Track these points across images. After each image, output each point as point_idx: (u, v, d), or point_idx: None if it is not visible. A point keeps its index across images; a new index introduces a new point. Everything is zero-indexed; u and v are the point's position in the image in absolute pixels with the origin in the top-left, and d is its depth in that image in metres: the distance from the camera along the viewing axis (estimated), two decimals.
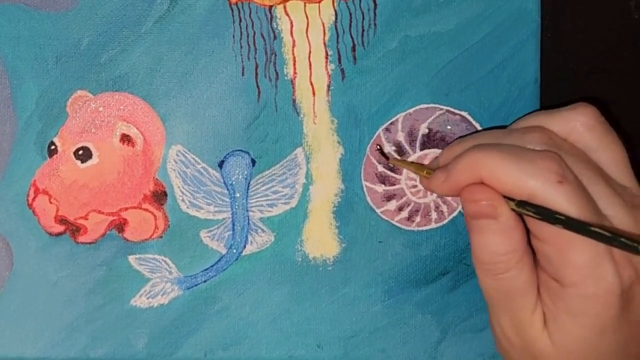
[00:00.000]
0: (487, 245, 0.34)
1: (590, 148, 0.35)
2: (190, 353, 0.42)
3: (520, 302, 0.34)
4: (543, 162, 0.33)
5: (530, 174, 0.33)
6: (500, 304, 0.35)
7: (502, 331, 0.36)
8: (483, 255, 0.35)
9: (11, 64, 0.41)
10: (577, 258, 0.32)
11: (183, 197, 0.41)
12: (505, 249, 0.34)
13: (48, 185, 0.41)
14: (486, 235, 0.34)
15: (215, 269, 0.41)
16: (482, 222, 0.34)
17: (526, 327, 0.34)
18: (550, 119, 0.36)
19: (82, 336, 0.41)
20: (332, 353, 0.42)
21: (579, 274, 0.32)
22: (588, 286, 0.32)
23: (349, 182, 0.41)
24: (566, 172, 0.33)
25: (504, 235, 0.34)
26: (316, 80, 0.41)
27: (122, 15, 0.41)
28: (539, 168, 0.33)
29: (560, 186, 0.32)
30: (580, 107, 0.36)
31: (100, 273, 0.41)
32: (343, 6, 0.41)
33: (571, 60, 0.43)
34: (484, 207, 0.34)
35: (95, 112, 0.41)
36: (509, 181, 0.33)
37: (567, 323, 0.33)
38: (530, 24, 0.41)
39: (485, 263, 0.35)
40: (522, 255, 0.34)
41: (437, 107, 0.41)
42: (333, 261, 0.42)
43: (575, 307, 0.33)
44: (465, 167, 0.35)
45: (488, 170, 0.34)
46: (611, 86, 0.43)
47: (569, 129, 0.36)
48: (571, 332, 0.33)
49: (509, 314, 0.35)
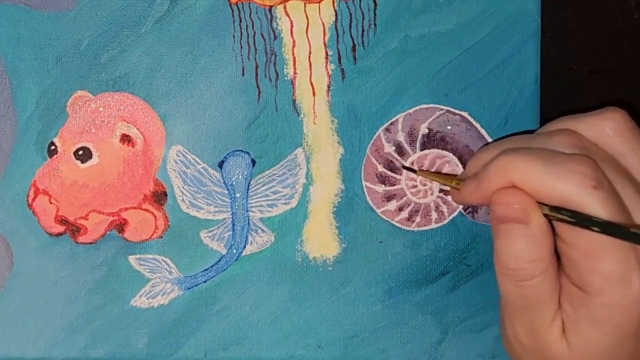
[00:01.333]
0: (512, 250, 0.33)
1: (619, 153, 0.34)
2: (191, 353, 0.42)
3: (540, 310, 0.34)
4: (577, 165, 0.32)
5: (564, 178, 0.32)
6: (519, 310, 0.34)
7: (514, 335, 0.35)
8: (507, 261, 0.33)
9: (11, 64, 0.41)
10: (605, 266, 0.31)
11: (183, 198, 0.41)
12: (531, 257, 0.33)
13: (48, 185, 0.41)
14: (513, 241, 0.33)
15: (216, 269, 0.41)
16: (510, 226, 0.33)
17: (543, 333, 0.34)
18: (578, 124, 0.35)
19: (82, 336, 0.41)
20: (332, 353, 0.42)
21: (605, 283, 0.32)
22: (613, 295, 0.32)
23: (349, 182, 0.41)
24: (601, 176, 0.32)
25: (532, 242, 0.33)
26: (316, 81, 0.41)
27: (122, 16, 0.41)
28: (573, 172, 0.32)
29: (595, 191, 0.31)
30: (609, 112, 0.35)
31: (100, 273, 0.41)
32: (343, 6, 0.41)
33: (571, 60, 0.43)
34: (515, 211, 0.33)
35: (95, 112, 0.41)
36: (542, 185, 0.32)
37: (587, 330, 0.32)
38: (530, 24, 0.41)
39: (509, 269, 0.33)
40: (548, 264, 0.33)
41: (437, 107, 0.41)
42: (333, 261, 0.42)
43: (597, 315, 0.32)
44: (497, 173, 0.33)
45: (520, 174, 0.33)
46: (611, 86, 0.43)
47: (597, 133, 0.35)
48: (590, 340, 0.33)
49: (527, 321, 0.34)
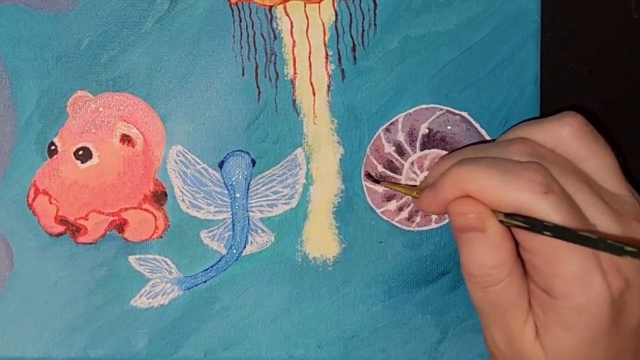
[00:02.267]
0: (475, 258, 0.34)
1: (578, 157, 0.35)
2: (191, 353, 0.42)
3: (510, 314, 0.34)
4: (527, 173, 0.33)
5: (515, 186, 0.32)
6: (491, 317, 0.35)
7: (493, 343, 0.35)
8: (472, 268, 0.34)
9: (11, 64, 0.41)
10: (565, 269, 0.32)
11: (183, 198, 0.41)
12: (493, 262, 0.34)
13: (48, 185, 0.41)
14: (474, 249, 0.34)
15: (216, 269, 0.41)
16: (470, 235, 0.34)
17: (518, 339, 0.34)
18: (536, 130, 0.36)
19: (82, 336, 0.41)
20: (332, 353, 0.42)
21: (568, 285, 0.32)
22: (577, 297, 0.32)
23: (349, 182, 0.41)
24: (551, 182, 0.33)
25: (493, 248, 0.34)
26: (316, 81, 0.41)
27: (122, 16, 0.41)
28: (524, 179, 0.32)
29: (545, 197, 0.32)
30: (566, 117, 0.36)
31: (100, 273, 0.41)
32: (343, 6, 0.41)
33: (571, 60, 0.43)
34: (471, 220, 0.34)
35: (95, 112, 0.41)
36: (495, 194, 0.33)
37: (558, 334, 0.33)
38: (530, 24, 0.41)
39: (474, 276, 0.34)
40: (511, 268, 0.34)
41: (437, 107, 0.41)
42: (333, 261, 0.42)
43: (565, 318, 0.33)
44: (451, 183, 0.34)
45: (473, 184, 0.34)
46: (611, 86, 0.43)
47: (555, 139, 0.35)
48: (563, 343, 0.33)
49: (500, 326, 0.35)
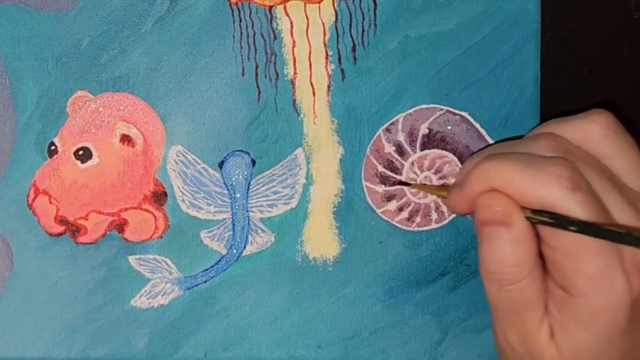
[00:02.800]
0: (496, 254, 0.33)
1: (606, 155, 0.35)
2: (191, 353, 0.42)
3: (527, 314, 0.34)
4: (555, 169, 0.32)
5: (542, 181, 0.32)
6: (506, 315, 0.34)
7: (506, 340, 0.35)
8: (491, 264, 0.33)
9: (11, 64, 0.41)
10: (588, 268, 0.32)
11: (183, 198, 0.41)
12: (515, 260, 0.33)
13: (48, 185, 0.41)
14: (497, 244, 0.33)
15: (216, 269, 0.41)
16: (493, 229, 0.33)
17: (533, 338, 0.34)
18: (565, 127, 0.35)
19: (82, 336, 0.41)
20: (332, 353, 0.42)
21: (589, 284, 0.32)
22: (598, 296, 0.32)
23: (349, 183, 0.41)
24: (578, 178, 0.32)
25: (516, 246, 0.33)
26: (316, 81, 0.41)
27: (122, 16, 0.41)
28: (551, 175, 0.32)
29: (573, 193, 0.32)
30: (595, 114, 0.35)
31: (100, 273, 0.41)
32: (343, 6, 0.41)
33: (571, 60, 0.43)
34: (497, 214, 0.33)
35: (95, 112, 0.41)
36: (522, 188, 0.33)
37: (574, 332, 0.33)
38: (530, 24, 0.41)
39: (493, 273, 0.33)
40: (532, 268, 0.33)
41: (437, 107, 0.41)
42: (333, 261, 0.42)
43: (583, 317, 0.32)
44: (478, 179, 0.34)
45: (500, 179, 0.33)
46: (611, 86, 0.43)
47: (584, 136, 0.35)
48: (578, 342, 0.33)
49: (515, 325, 0.34)
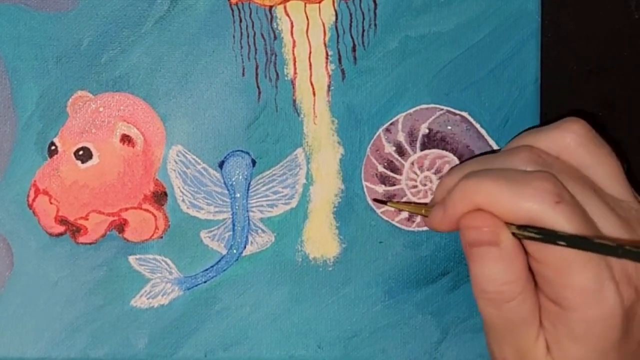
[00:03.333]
0: (489, 274, 0.33)
1: (583, 164, 0.35)
2: (191, 353, 0.42)
3: (523, 331, 0.33)
4: (538, 183, 0.32)
5: (526, 196, 0.32)
6: (502, 332, 0.34)
7: (503, 357, 0.35)
8: (485, 284, 0.33)
9: (11, 64, 0.41)
10: (577, 281, 0.31)
11: (183, 198, 0.41)
12: (507, 278, 0.33)
13: (48, 185, 0.41)
14: (488, 264, 0.33)
15: (216, 269, 0.41)
16: (482, 249, 0.33)
17: (529, 354, 0.34)
18: (540, 138, 0.35)
19: (83, 336, 0.41)
20: (332, 353, 0.42)
21: (580, 297, 0.32)
22: (590, 309, 0.32)
23: (349, 183, 0.41)
24: (562, 191, 0.32)
25: (507, 263, 0.33)
26: (316, 81, 0.41)
27: (122, 16, 0.41)
28: (535, 189, 0.32)
29: (558, 207, 0.31)
30: (569, 123, 0.35)
31: (100, 273, 0.41)
32: (343, 6, 0.41)
33: (571, 60, 0.43)
34: (484, 234, 0.33)
35: (95, 112, 0.41)
36: (506, 205, 0.32)
37: (568, 347, 0.32)
38: (530, 24, 0.41)
39: (488, 292, 0.33)
40: (524, 284, 0.33)
41: (437, 107, 0.41)
42: (333, 261, 0.42)
43: (577, 331, 0.32)
44: (461, 198, 0.34)
45: (484, 197, 0.33)
46: (611, 86, 0.43)
47: (559, 146, 0.35)
48: (573, 356, 0.32)
49: (512, 342, 0.34)
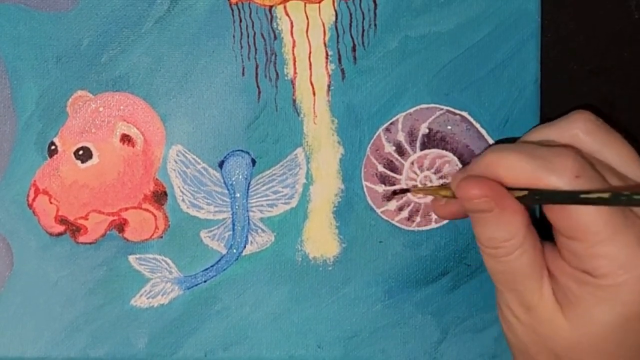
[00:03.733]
0: (488, 234, 0.35)
1: (595, 152, 0.35)
2: (191, 353, 0.42)
3: (524, 283, 0.35)
4: (559, 158, 0.33)
5: (547, 170, 0.33)
6: (505, 285, 0.36)
7: (511, 312, 0.36)
8: (484, 241, 0.35)
9: (11, 64, 0.41)
10: (606, 251, 0.32)
11: (183, 197, 0.41)
12: (504, 236, 0.34)
13: (48, 185, 0.41)
14: (486, 226, 0.35)
15: (216, 269, 0.41)
16: (481, 215, 0.35)
17: (536, 307, 0.35)
18: (549, 132, 0.36)
19: (82, 336, 0.41)
20: (332, 353, 0.42)
21: (610, 266, 0.32)
22: (619, 276, 0.32)
23: (349, 182, 0.41)
24: (584, 165, 0.33)
25: (504, 225, 0.34)
26: (316, 80, 0.41)
27: (122, 16, 0.41)
28: (556, 164, 0.33)
29: (578, 180, 0.33)
30: (576, 115, 0.36)
31: (100, 273, 0.41)
32: (343, 6, 0.41)
33: (571, 60, 0.43)
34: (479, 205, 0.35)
35: (95, 112, 0.41)
36: (527, 179, 0.34)
37: (591, 307, 0.33)
38: (530, 24, 0.41)
39: (488, 247, 0.35)
40: (523, 240, 0.34)
41: (437, 107, 0.41)
42: (333, 261, 0.42)
43: (603, 294, 0.33)
44: (483, 169, 0.35)
45: (505, 169, 0.34)
46: (611, 86, 0.43)
47: (569, 137, 0.36)
48: (594, 317, 0.33)
49: (516, 295, 0.35)
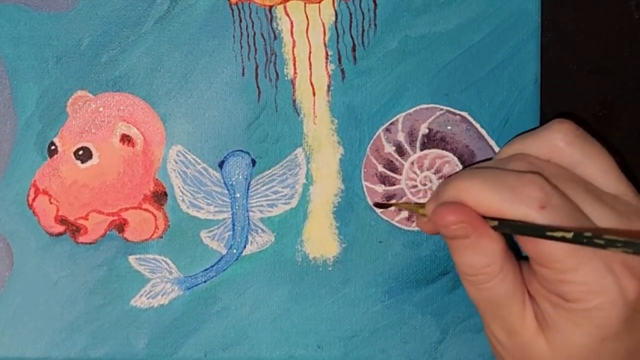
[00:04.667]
0: (466, 261, 0.35)
1: (575, 163, 0.35)
2: (191, 353, 0.42)
3: (507, 309, 0.35)
4: (524, 188, 0.33)
5: (512, 201, 0.33)
6: (488, 312, 0.35)
7: (494, 337, 0.36)
8: (464, 269, 0.35)
9: (11, 64, 0.41)
10: (576, 277, 0.32)
11: (183, 198, 0.41)
12: (483, 263, 0.34)
13: (48, 185, 0.41)
14: (464, 253, 0.35)
15: (216, 269, 0.41)
16: (458, 242, 0.35)
17: (518, 332, 0.35)
18: (530, 142, 0.36)
19: (82, 336, 0.41)
20: (332, 353, 0.42)
21: (580, 292, 0.32)
22: (590, 301, 0.32)
23: (349, 182, 0.41)
24: (550, 194, 0.33)
25: (482, 251, 0.34)
26: (316, 81, 0.41)
27: (122, 15, 0.41)
28: (521, 195, 0.33)
29: (543, 211, 0.32)
30: (556, 124, 0.36)
31: (100, 273, 0.41)
32: (343, 6, 0.41)
33: (571, 60, 0.43)
34: (457, 231, 0.34)
35: (95, 112, 0.41)
36: (494, 208, 0.33)
37: (568, 330, 0.33)
38: (530, 24, 0.41)
39: (467, 275, 0.35)
40: (502, 266, 0.34)
41: (437, 107, 0.41)
42: (333, 261, 0.42)
43: (577, 318, 0.33)
44: (453, 197, 0.35)
45: (471, 199, 0.34)
46: (611, 86, 0.43)
47: (550, 148, 0.35)
48: (572, 340, 0.33)
49: (499, 321, 0.35)
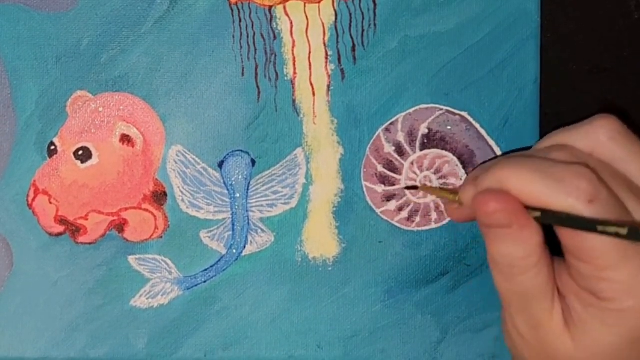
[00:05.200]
0: (502, 251, 0.34)
1: (617, 159, 0.34)
2: (191, 353, 0.42)
3: (537, 304, 0.34)
4: (574, 180, 0.32)
5: (560, 192, 0.32)
6: (516, 305, 0.34)
7: (516, 330, 0.35)
8: (499, 259, 0.34)
9: (11, 64, 0.41)
10: (614, 276, 0.32)
11: (183, 198, 0.41)
12: (521, 255, 0.33)
13: (48, 185, 0.41)
14: (502, 243, 0.33)
15: (215, 269, 0.41)
16: (497, 231, 0.33)
17: (544, 327, 0.34)
18: (572, 135, 0.35)
19: (82, 336, 0.41)
20: (332, 353, 0.42)
21: (616, 291, 0.32)
22: (625, 302, 0.32)
23: (349, 182, 0.41)
24: (598, 188, 0.32)
25: (521, 242, 0.33)
26: (316, 81, 0.41)
27: (122, 15, 0.41)
28: (569, 186, 0.32)
29: (591, 205, 0.31)
30: (601, 119, 0.35)
31: (100, 273, 0.41)
32: (343, 6, 0.41)
33: (571, 60, 0.43)
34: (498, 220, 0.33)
35: (95, 112, 0.41)
36: (539, 198, 0.32)
37: (597, 330, 0.33)
38: (530, 24, 0.41)
39: (501, 265, 0.34)
40: (539, 259, 0.33)
41: (437, 107, 0.41)
42: (333, 261, 0.42)
43: (608, 318, 0.32)
44: (495, 184, 0.34)
45: (517, 188, 0.33)
46: (611, 86, 0.43)
47: (592, 142, 0.35)
48: (600, 340, 0.33)
49: (526, 315, 0.34)
